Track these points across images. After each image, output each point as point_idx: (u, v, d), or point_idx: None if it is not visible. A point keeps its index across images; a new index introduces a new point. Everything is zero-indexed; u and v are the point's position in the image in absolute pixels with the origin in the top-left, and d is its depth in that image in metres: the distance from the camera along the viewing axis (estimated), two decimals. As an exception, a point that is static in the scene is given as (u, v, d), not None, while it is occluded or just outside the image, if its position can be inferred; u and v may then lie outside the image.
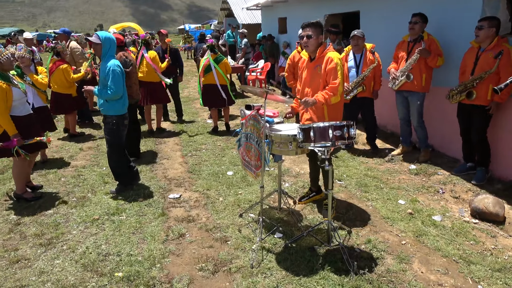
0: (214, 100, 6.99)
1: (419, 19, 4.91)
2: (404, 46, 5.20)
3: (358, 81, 5.50)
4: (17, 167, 4.27)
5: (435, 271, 3.03)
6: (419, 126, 5.20)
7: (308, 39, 3.54)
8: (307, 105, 3.48)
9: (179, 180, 4.94)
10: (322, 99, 3.45)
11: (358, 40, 5.48)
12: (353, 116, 5.84)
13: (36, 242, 3.54)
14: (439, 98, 5.13)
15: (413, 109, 5.19)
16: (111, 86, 4.15)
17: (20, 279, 3.03)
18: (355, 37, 5.48)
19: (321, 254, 3.22)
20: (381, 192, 4.42)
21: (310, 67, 3.69)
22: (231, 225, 3.76)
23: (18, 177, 4.31)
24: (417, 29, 4.94)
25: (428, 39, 4.94)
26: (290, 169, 5.25)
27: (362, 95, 5.59)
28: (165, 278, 3.01)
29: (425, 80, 5.02)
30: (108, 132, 4.41)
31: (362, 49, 5.57)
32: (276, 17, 12.61)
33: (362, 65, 5.55)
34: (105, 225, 3.83)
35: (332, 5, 8.43)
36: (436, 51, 4.89)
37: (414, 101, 5.11)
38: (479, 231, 3.59)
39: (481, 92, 4.27)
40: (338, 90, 3.46)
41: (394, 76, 5.18)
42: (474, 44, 4.38)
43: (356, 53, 5.61)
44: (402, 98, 5.31)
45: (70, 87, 6.56)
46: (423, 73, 4.98)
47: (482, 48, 4.30)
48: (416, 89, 5.05)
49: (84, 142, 6.72)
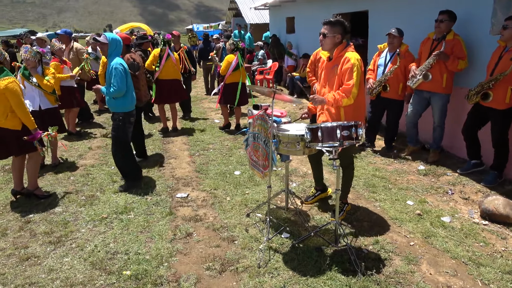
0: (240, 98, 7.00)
1: (446, 17, 4.68)
2: (428, 44, 5.01)
3: (380, 81, 5.37)
4: (34, 162, 4.35)
5: (443, 273, 3.00)
6: (439, 126, 5.07)
7: (324, 37, 3.42)
8: (315, 103, 3.43)
9: (186, 179, 4.96)
10: (331, 99, 3.35)
11: (394, 38, 5.27)
12: (377, 116, 5.73)
13: (46, 240, 3.58)
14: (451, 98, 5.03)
15: (435, 110, 5.03)
16: (114, 84, 4.28)
17: (30, 276, 3.07)
18: (390, 35, 5.27)
19: (328, 255, 3.21)
20: (389, 193, 4.39)
21: (328, 67, 3.57)
22: (238, 224, 3.77)
23: (34, 173, 4.39)
24: (443, 27, 4.72)
25: (453, 39, 4.73)
26: (298, 169, 5.24)
27: (386, 95, 5.41)
28: (173, 277, 3.02)
29: (446, 80, 4.82)
30: (114, 129, 4.54)
31: (396, 48, 5.33)
32: (284, 17, 12.59)
33: (389, 65, 5.37)
34: (113, 223, 3.87)
35: (341, 5, 8.39)
36: (458, 53, 4.68)
37: (437, 102, 4.97)
38: (489, 233, 3.54)
39: (498, 95, 4.09)
40: (352, 92, 3.27)
41: (413, 74, 5.00)
42: (501, 43, 4.17)
43: (390, 52, 5.42)
44: (421, 98, 5.14)
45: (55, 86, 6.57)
46: (443, 73, 4.79)
47: (508, 47, 4.10)
48: (437, 90, 4.89)
49: (93, 141, 6.79)
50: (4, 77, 3.95)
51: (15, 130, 4.06)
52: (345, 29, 3.40)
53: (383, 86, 5.39)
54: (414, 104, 5.26)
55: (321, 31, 3.44)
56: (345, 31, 3.41)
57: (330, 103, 3.40)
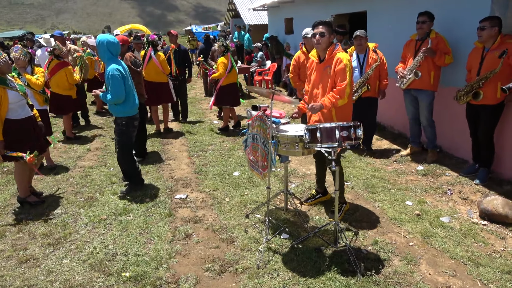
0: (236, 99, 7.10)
1: (426, 18, 4.88)
2: (412, 45, 5.17)
3: (362, 81, 5.46)
4: (17, 171, 4.25)
5: (443, 273, 3.00)
6: (429, 125, 5.15)
7: (322, 37, 3.47)
8: (314, 111, 3.45)
9: (185, 180, 4.96)
10: (328, 104, 3.41)
11: (361, 40, 5.44)
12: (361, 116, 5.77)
13: (45, 242, 3.57)
14: (448, 98, 5.07)
15: (422, 108, 5.13)
16: (111, 91, 4.21)
17: (29, 278, 3.06)
18: (357, 37, 5.44)
19: (328, 255, 3.21)
20: (388, 193, 4.39)
21: (320, 68, 3.62)
22: (238, 225, 3.76)
23: (20, 181, 4.28)
24: (425, 28, 4.91)
25: (436, 37, 4.91)
26: (297, 169, 5.24)
27: (367, 94, 5.54)
28: (172, 278, 3.02)
29: (434, 78, 4.98)
30: (118, 133, 4.48)
31: (365, 49, 5.53)
32: (283, 18, 12.60)
33: (365, 65, 5.51)
34: (112, 225, 3.86)
35: (339, 5, 8.40)
36: (443, 49, 4.85)
37: (424, 99, 5.07)
38: (488, 233, 3.55)
39: (488, 92, 4.23)
40: (345, 92, 3.39)
41: (402, 75, 5.15)
42: (478, 44, 4.36)
43: (359, 53, 5.57)
44: (411, 97, 5.27)
45: (70, 89, 6.57)
46: (431, 71, 4.94)
47: (487, 48, 4.27)
48: (424, 87, 5.02)
49: (92, 143, 6.78)
50: None
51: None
52: (333, 29, 3.59)
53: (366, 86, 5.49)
54: (407, 104, 5.39)
55: (318, 31, 3.49)
56: (333, 30, 3.60)
57: (328, 107, 3.45)
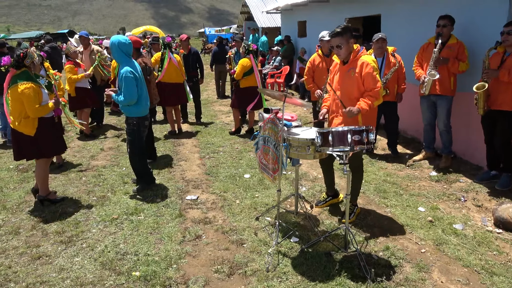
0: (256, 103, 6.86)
1: (447, 21, 4.75)
2: (430, 49, 5.01)
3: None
4: (42, 169, 4.31)
5: (455, 281, 2.94)
6: (446, 130, 5.06)
7: (339, 49, 3.50)
8: (352, 114, 3.39)
9: (196, 181, 4.98)
10: (365, 106, 3.38)
11: (383, 43, 5.38)
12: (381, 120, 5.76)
13: (57, 240, 3.63)
14: (464, 104, 4.99)
15: (441, 113, 5.04)
16: (125, 93, 4.25)
17: (41, 275, 3.11)
18: (380, 40, 5.36)
19: (338, 260, 3.18)
20: (401, 199, 4.34)
21: (343, 70, 3.63)
22: (248, 228, 3.76)
23: (43, 179, 4.35)
24: (445, 32, 4.78)
25: (457, 42, 4.80)
26: (308, 173, 5.21)
27: (386, 98, 5.37)
28: (181, 279, 3.03)
29: (453, 83, 4.91)
30: (129, 133, 4.54)
31: (384, 53, 5.48)
32: (296, 21, 12.59)
33: (384, 69, 5.45)
34: (123, 224, 3.90)
35: (353, 9, 8.35)
36: (461, 56, 4.75)
37: (442, 104, 4.98)
38: (503, 241, 3.47)
39: (508, 98, 4.14)
40: (380, 93, 3.45)
41: (424, 80, 4.98)
42: (499, 49, 4.27)
43: (378, 57, 5.49)
44: (429, 102, 5.15)
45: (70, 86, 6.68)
46: (451, 76, 4.87)
47: (508, 52, 4.19)
48: (444, 93, 4.92)
49: (105, 142, 6.86)
50: (23, 81, 3.96)
51: (28, 135, 4.07)
52: (352, 32, 3.55)
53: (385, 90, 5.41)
54: (423, 110, 5.29)
55: (334, 44, 3.51)
56: (352, 33, 3.55)
57: (365, 110, 3.41)
